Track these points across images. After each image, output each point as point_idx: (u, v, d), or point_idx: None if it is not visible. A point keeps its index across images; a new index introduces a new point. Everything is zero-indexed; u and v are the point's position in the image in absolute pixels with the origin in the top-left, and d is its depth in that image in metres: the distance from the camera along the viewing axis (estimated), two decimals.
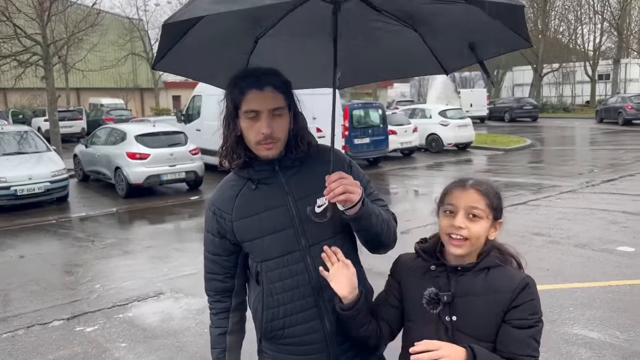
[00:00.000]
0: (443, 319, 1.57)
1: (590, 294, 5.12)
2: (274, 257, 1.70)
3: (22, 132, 12.31)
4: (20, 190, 10.33)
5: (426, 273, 1.64)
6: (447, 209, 1.59)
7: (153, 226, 9.35)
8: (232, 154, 1.72)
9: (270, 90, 1.65)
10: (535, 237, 7.14)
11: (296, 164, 1.75)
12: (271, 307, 1.72)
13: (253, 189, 1.72)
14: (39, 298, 5.70)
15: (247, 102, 1.65)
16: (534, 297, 1.54)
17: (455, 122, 18.26)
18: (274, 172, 1.73)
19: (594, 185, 10.94)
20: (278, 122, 1.67)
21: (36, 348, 4.54)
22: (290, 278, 1.70)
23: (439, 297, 1.58)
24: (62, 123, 21.33)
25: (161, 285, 5.96)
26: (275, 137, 1.67)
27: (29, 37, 16.48)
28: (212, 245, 1.81)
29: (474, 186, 1.59)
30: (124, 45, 35.54)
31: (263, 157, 1.71)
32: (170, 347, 4.46)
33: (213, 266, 1.83)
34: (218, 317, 1.88)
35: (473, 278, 1.57)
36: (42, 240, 8.37)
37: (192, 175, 11.98)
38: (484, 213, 1.56)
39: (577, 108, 39.32)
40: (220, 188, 1.82)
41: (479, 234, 1.55)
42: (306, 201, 1.70)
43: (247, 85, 1.66)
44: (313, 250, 1.69)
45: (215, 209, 1.79)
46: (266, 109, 1.64)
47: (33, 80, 20.44)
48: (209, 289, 1.88)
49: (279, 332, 1.74)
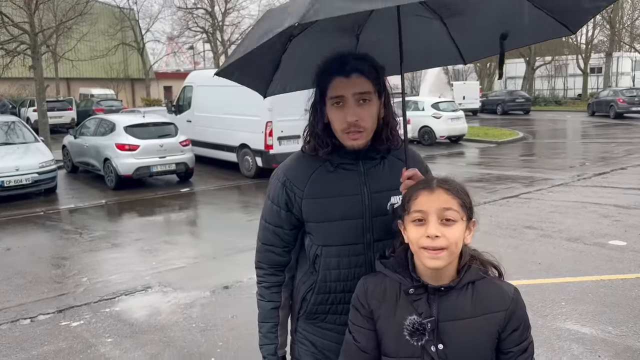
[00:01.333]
0: (428, 350, 1.39)
1: (583, 289, 5.09)
2: (337, 245, 1.67)
3: (9, 122, 12.10)
4: (7, 182, 10.16)
5: (399, 297, 1.43)
6: (415, 218, 1.39)
7: (142, 218, 9.23)
8: (320, 142, 1.68)
9: (356, 76, 1.61)
10: (527, 231, 7.10)
11: (378, 156, 1.72)
12: (322, 292, 1.71)
13: (331, 170, 1.68)
14: (24, 292, 5.59)
15: (333, 88, 1.62)
16: (524, 309, 1.45)
17: (448, 115, 18.23)
18: (356, 160, 1.69)
19: (585, 178, 10.93)
20: (365, 109, 1.62)
21: (20, 343, 4.44)
22: (348, 269, 1.67)
23: (423, 326, 1.38)
24: (51, 113, 21.14)
25: (149, 279, 5.87)
26: (361, 125, 1.62)
27: (16, 26, 16.19)
28: (276, 216, 1.74)
29: (441, 185, 1.41)
30: (114, 34, 35.06)
31: (349, 147, 1.66)
32: (158, 343, 4.38)
33: (273, 238, 1.77)
34: (271, 290, 1.82)
35: (458, 297, 1.40)
36: (29, 232, 8.24)
37: (183, 167, 11.85)
38: (458, 215, 1.38)
39: (569, 101, 39.42)
40: (295, 160, 1.77)
41: (456, 239, 1.37)
42: (381, 196, 1.67)
43: (333, 71, 1.62)
44: (376, 246, 1.66)
45: (286, 180, 1.72)
46: (351, 94, 1.60)
47: (21, 69, 20.16)
48: (263, 260, 1.82)
49: (322, 316, 1.74)
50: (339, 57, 1.64)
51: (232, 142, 12.58)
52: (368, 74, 1.63)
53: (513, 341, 1.42)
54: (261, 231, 1.81)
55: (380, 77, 1.67)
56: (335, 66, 1.62)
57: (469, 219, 1.43)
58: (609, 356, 3.86)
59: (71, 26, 21.58)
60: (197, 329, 4.57)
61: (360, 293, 1.50)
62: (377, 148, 1.71)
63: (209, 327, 4.61)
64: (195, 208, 10.14)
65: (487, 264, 1.49)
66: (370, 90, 1.63)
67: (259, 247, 1.82)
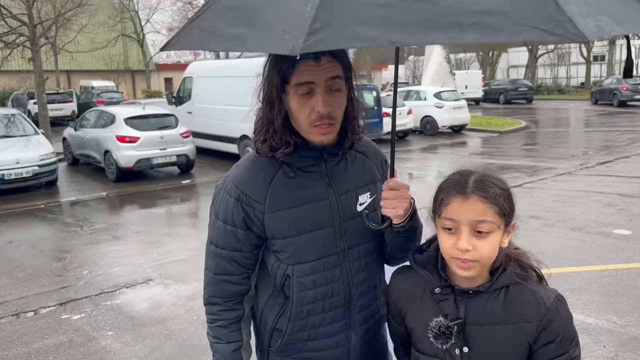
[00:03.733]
0: (452, 352, 1.30)
1: (587, 279, 5.04)
2: (310, 260, 1.44)
3: (9, 115, 12.06)
4: (8, 175, 10.13)
5: (425, 294, 1.35)
6: (447, 226, 1.26)
7: (143, 211, 9.21)
8: (279, 141, 1.40)
9: (327, 59, 1.34)
10: (531, 220, 7.05)
11: (340, 153, 1.49)
12: (299, 319, 1.47)
13: (291, 176, 1.43)
14: (25, 285, 5.57)
15: (299, 73, 1.34)
16: (566, 321, 1.28)
17: (450, 104, 18.11)
18: (317, 160, 1.46)
19: (589, 167, 10.86)
20: (336, 99, 1.38)
21: (20, 337, 4.41)
22: (324, 285, 1.46)
23: (450, 329, 1.28)
24: (52, 106, 21.10)
25: (150, 271, 5.84)
26: (334, 117, 1.39)
27: (15, 18, 16.12)
28: (231, 239, 1.45)
29: (477, 192, 1.23)
30: (114, 26, 34.87)
31: (317, 143, 1.41)
32: (159, 335, 4.35)
33: (228, 265, 1.48)
34: (230, 329, 1.52)
35: (489, 301, 1.29)
36: (30, 225, 8.21)
37: (184, 158, 11.80)
38: (494, 225, 1.23)
39: (572, 90, 39.19)
40: (247, 169, 1.48)
41: (490, 253, 1.24)
42: (348, 197, 1.47)
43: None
44: (350, 253, 1.48)
45: (240, 194, 1.43)
46: (323, 80, 1.35)
47: (20, 62, 20.09)
48: (216, 294, 1.52)
49: (299, 345, 1.50)
50: None
51: (233, 133, 12.51)
52: (339, 57, 1.38)
53: (546, 354, 1.29)
54: (211, 260, 1.51)
55: (347, 59, 1.42)
56: None
57: (507, 225, 1.28)
58: (614, 346, 3.82)
59: (70, 18, 21.50)
60: (199, 321, 4.54)
61: (393, 288, 1.46)
62: (342, 144, 1.47)
63: None
64: (196, 200, 10.10)
65: (527, 267, 1.33)
66: (341, 75, 1.39)
67: (209, 280, 1.52)
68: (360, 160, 1.54)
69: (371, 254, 1.53)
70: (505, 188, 1.30)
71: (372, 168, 1.58)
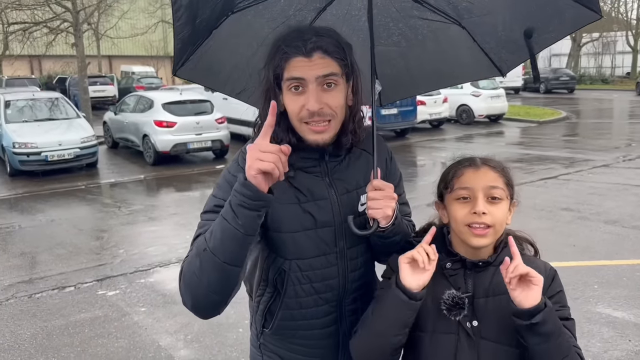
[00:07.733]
0: (464, 325, 1.36)
1: (617, 272, 4.96)
2: (309, 257, 1.45)
3: (52, 98, 12.51)
4: (51, 156, 10.55)
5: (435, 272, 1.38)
6: (461, 195, 1.36)
7: (179, 193, 9.45)
8: (276, 138, 1.37)
9: (319, 55, 1.33)
10: (564, 213, 6.94)
11: (342, 154, 1.47)
12: (290, 309, 1.50)
13: (290, 175, 1.39)
14: (64, 261, 5.84)
15: (290, 68, 1.33)
16: (561, 288, 1.40)
17: (488, 93, 17.74)
18: (318, 160, 1.45)
19: (629, 160, 10.54)
20: (331, 95, 1.35)
21: (59, 310, 4.66)
22: (319, 282, 1.48)
23: (462, 300, 1.34)
24: (94, 87, 21.68)
25: (183, 252, 5.99)
26: (327, 113, 1.35)
27: (59, 4, 16.63)
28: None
29: (487, 163, 1.39)
30: (154, 12, 35.47)
31: (311, 143, 1.39)
32: (188, 313, 4.41)
33: None
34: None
35: (495, 275, 1.37)
36: (71, 205, 8.55)
37: (218, 144, 12.02)
38: (504, 193, 1.36)
39: (617, 80, 37.85)
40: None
41: (502, 217, 1.35)
42: (349, 197, 1.47)
43: (291, 49, 1.33)
44: (349, 253, 1.49)
45: None
46: (313, 77, 1.32)
47: (64, 47, 20.68)
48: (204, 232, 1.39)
49: (290, 332, 1.54)
50: (298, 33, 1.36)
51: None
52: (333, 53, 1.34)
53: None
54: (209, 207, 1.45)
55: (349, 57, 1.38)
56: (294, 43, 1.33)
57: (511, 199, 1.40)
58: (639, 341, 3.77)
59: (112, 4, 22.00)
60: None
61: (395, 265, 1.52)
62: (342, 145, 1.44)
63: (238, 300, 4.60)
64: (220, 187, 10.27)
65: (522, 241, 1.46)
66: (337, 72, 1.35)
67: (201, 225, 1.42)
68: (364, 158, 1.52)
69: (368, 251, 1.56)
70: (506, 166, 1.43)
71: None
